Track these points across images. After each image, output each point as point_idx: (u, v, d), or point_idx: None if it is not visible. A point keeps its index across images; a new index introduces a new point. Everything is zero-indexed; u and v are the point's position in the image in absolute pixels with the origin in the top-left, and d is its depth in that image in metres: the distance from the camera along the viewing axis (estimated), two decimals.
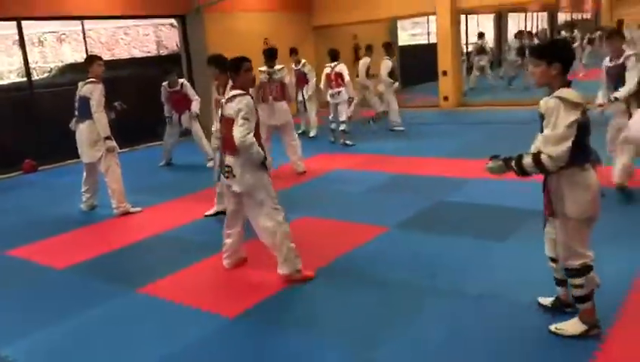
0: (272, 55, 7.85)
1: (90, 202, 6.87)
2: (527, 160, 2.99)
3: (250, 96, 4.18)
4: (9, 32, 9.99)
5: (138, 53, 12.36)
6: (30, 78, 10.25)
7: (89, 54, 8.17)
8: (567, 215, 3.05)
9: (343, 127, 9.77)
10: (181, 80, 9.09)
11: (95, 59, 6.53)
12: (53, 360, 3.54)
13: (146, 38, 12.51)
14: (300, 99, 10.56)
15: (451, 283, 4.07)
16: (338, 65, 9.72)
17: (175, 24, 12.41)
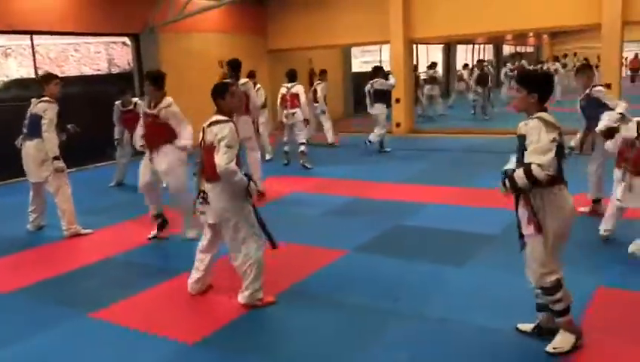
0: (237, 66, 7.31)
1: (38, 222, 6.60)
2: (518, 172, 3.17)
3: (233, 123, 4.08)
4: None
5: (88, 70, 12.06)
6: None
7: (46, 72, 7.82)
8: (548, 230, 3.21)
9: (302, 148, 9.69)
10: (134, 99, 8.91)
11: (53, 77, 6.32)
12: None
13: (97, 55, 12.23)
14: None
15: (411, 307, 4.10)
16: (295, 85, 9.77)
17: (127, 42, 12.20)
